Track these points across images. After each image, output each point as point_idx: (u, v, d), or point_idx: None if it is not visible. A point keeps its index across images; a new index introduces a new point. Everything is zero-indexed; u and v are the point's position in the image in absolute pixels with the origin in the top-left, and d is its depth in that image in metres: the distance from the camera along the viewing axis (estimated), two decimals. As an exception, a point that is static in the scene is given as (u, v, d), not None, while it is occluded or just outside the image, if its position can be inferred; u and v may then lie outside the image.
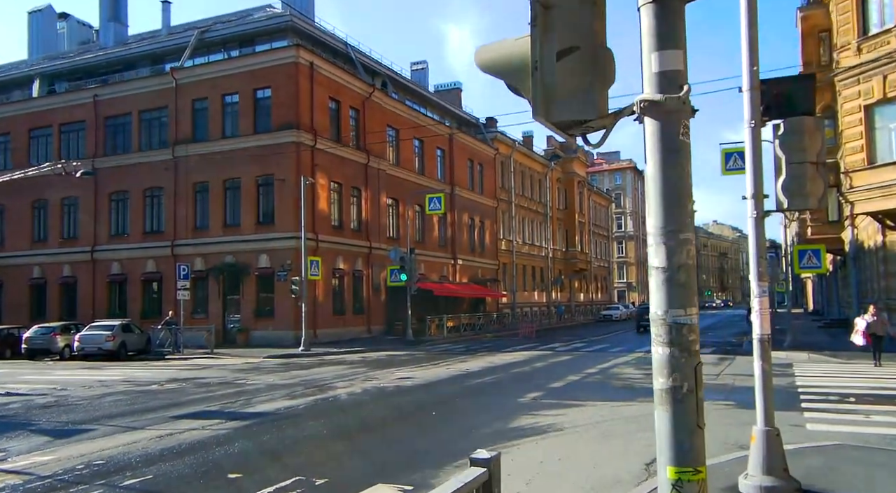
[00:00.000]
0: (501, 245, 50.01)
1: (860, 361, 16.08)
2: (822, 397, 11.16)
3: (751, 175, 5.51)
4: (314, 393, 13.24)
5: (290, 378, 16.25)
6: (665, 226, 2.70)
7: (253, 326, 29.14)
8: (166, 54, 34.19)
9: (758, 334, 5.51)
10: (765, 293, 5.43)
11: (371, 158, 33.62)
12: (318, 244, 29.50)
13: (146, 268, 31.69)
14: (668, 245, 2.70)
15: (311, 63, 29.66)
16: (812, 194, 5.32)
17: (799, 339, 23.61)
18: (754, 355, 5.68)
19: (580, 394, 12.20)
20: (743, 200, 5.57)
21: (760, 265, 5.42)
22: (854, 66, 20.62)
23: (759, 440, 5.51)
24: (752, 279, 5.47)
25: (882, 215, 20.77)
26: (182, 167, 31.07)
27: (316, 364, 20.26)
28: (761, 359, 5.48)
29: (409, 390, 13.52)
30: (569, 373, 15.73)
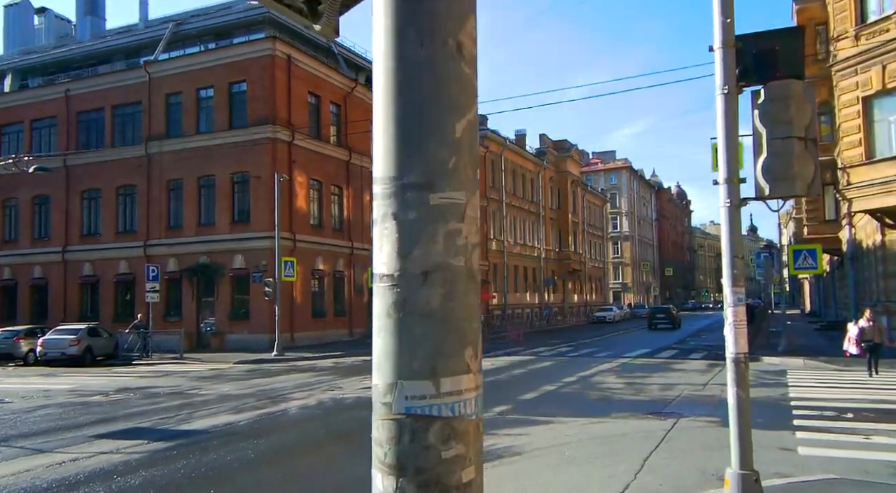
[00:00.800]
0: (492, 245, 48.88)
1: (858, 368, 14.99)
2: (817, 412, 10.08)
3: (723, 155, 4.43)
4: (265, 406, 12.14)
5: (248, 388, 15.15)
6: (399, 176, 1.32)
7: (228, 329, 28.01)
8: (142, 48, 33.09)
9: (731, 352, 4.42)
10: (741, 301, 4.35)
11: (353, 154, 32.51)
12: (296, 244, 28.37)
13: (119, 269, 30.53)
14: (404, 218, 1.31)
15: (288, 56, 28.54)
16: (799, 177, 4.24)
17: (794, 343, 22.57)
18: (728, 379, 4.59)
19: (551, 408, 11.11)
20: (714, 185, 4.48)
21: (735, 266, 4.33)
22: (852, 56, 19.56)
23: (734, 486, 4.42)
24: (725, 284, 4.39)
25: (881, 213, 19.71)
26: (155, 164, 29.93)
27: (284, 371, 19.15)
28: (736, 385, 4.40)
29: (367, 403, 12.37)
30: (545, 382, 14.63)
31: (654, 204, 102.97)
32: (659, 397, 12.20)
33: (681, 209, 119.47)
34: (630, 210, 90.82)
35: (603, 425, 9.49)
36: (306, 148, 29.53)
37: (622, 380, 14.84)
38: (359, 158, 32.93)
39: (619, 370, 17.02)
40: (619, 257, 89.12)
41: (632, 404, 11.50)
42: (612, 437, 8.56)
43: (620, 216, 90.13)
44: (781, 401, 11.32)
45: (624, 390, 13.31)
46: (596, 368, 17.81)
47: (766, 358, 18.91)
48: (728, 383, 4.60)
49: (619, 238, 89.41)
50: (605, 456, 7.53)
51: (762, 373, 15.85)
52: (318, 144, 30.47)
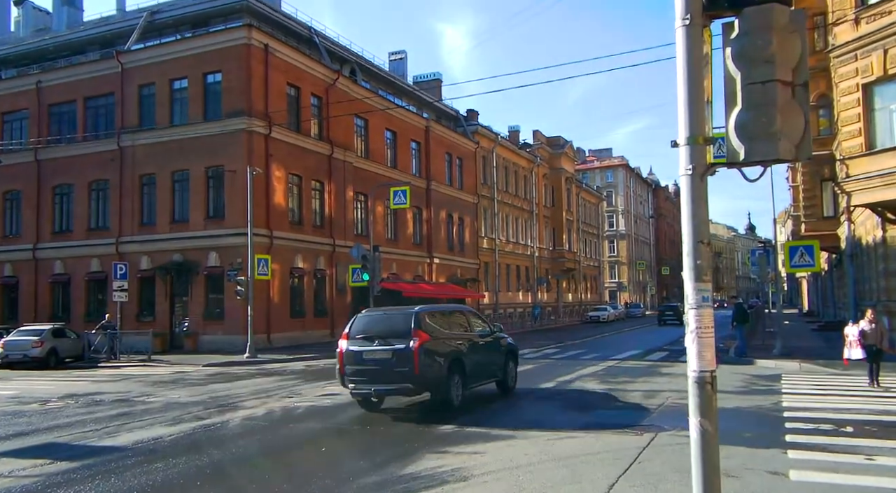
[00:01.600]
0: (483, 243, 47.82)
1: (857, 372, 13.89)
2: (813, 425, 8.98)
3: (684, 107, 3.34)
4: (209, 416, 11.06)
5: (201, 394, 14.05)
6: None
7: (202, 330, 26.91)
8: (117, 38, 31.94)
9: (694, 370, 3.34)
10: (705, 302, 3.26)
11: (335, 149, 31.39)
12: (273, 241, 27.28)
13: (90, 267, 29.42)
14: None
15: (265, 45, 27.41)
16: (784, 135, 3.15)
17: (790, 344, 21.48)
18: (690, 406, 3.50)
19: (517, 419, 10.01)
20: (673, 147, 3.39)
21: (699, 255, 3.23)
22: (851, 40, 18.45)
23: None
24: (686, 279, 3.30)
25: (882, 207, 18.62)
26: (128, 158, 28.82)
27: (249, 375, 18.05)
28: (700, 414, 3.33)
29: (319, 412, 11.32)
30: (520, 388, 13.52)
31: (651, 202, 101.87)
32: (640, 405, 11.11)
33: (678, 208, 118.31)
34: (626, 208, 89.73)
35: (571, 441, 8.39)
36: (285, 141, 28.41)
37: (604, 386, 13.74)
38: (341, 152, 31.82)
39: (602, 375, 15.92)
40: (616, 255, 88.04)
41: (609, 414, 10.41)
42: (577, 457, 7.46)
43: (616, 214, 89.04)
44: (773, 411, 10.23)
45: (603, 398, 12.21)
46: (579, 372, 16.72)
47: (759, 361, 17.82)
48: (690, 411, 3.51)
49: (616, 237, 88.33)
50: (565, 484, 6.43)
51: (754, 378, 14.77)
52: (298, 137, 29.35)
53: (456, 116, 48.22)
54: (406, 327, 10.53)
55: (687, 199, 3.30)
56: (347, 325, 11.32)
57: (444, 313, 12.30)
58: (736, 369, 16.80)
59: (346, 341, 10.95)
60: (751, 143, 3.18)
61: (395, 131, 37.39)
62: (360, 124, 34.49)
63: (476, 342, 12.01)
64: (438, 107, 46.35)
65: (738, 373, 15.77)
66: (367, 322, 11.12)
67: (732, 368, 17.07)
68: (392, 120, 37.03)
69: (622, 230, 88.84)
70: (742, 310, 20.82)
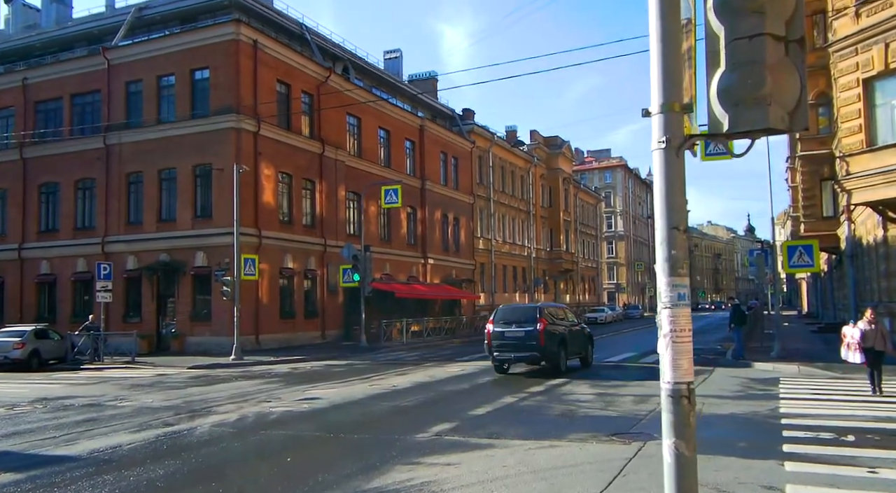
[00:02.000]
0: (479, 244, 47.29)
1: (858, 375, 13.36)
2: (812, 434, 8.45)
3: (657, 68, 2.81)
4: (178, 422, 10.53)
5: (177, 398, 13.51)
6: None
7: (189, 331, 26.37)
8: (105, 34, 31.37)
9: (667, 382, 2.81)
10: (682, 300, 2.73)
11: (327, 147, 30.86)
12: (262, 241, 26.75)
13: (77, 267, 28.86)
14: None
15: (254, 41, 26.89)
16: (776, 99, 2.62)
17: (789, 346, 20.97)
18: (663, 424, 2.97)
19: (500, 427, 9.48)
20: (645, 117, 2.86)
21: (674, 243, 2.71)
22: (852, 34, 17.94)
23: None
24: (659, 272, 2.77)
25: (883, 206, 18.11)
26: (114, 156, 28.29)
27: (231, 378, 17.51)
28: (675, 434, 2.80)
29: (295, 418, 10.78)
30: (508, 393, 13.00)
31: (650, 203, 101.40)
32: (630, 412, 10.57)
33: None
34: (625, 209, 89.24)
35: (554, 450, 7.86)
36: (274, 139, 27.89)
37: (595, 390, 13.20)
38: (333, 150, 31.30)
39: (594, 378, 15.38)
40: (614, 256, 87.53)
41: (597, 421, 9.87)
42: (558, 469, 6.93)
43: (615, 215, 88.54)
44: (770, 418, 9.69)
45: (592, 402, 11.68)
46: (571, 375, 16.17)
47: (757, 364, 17.30)
48: (663, 430, 2.97)
49: (614, 238, 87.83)
50: (541, 499, 5.90)
51: (752, 382, 14.23)
52: (288, 135, 28.83)
53: (452, 116, 47.70)
54: (533, 315, 15.71)
55: (660, 177, 2.77)
56: (492, 314, 16.73)
57: (553, 308, 17.74)
58: (732, 372, 16.28)
59: (491, 324, 16.03)
60: (736, 109, 2.66)
61: (388, 130, 36.87)
62: (353, 123, 33.97)
63: (572, 329, 17.03)
64: (434, 106, 45.83)
65: (735, 376, 15.25)
66: (506, 312, 16.59)
67: (729, 371, 16.55)
68: (386, 118, 36.51)
69: (620, 231, 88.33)
70: (739, 312, 20.28)
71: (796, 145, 34.04)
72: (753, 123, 2.63)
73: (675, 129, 2.76)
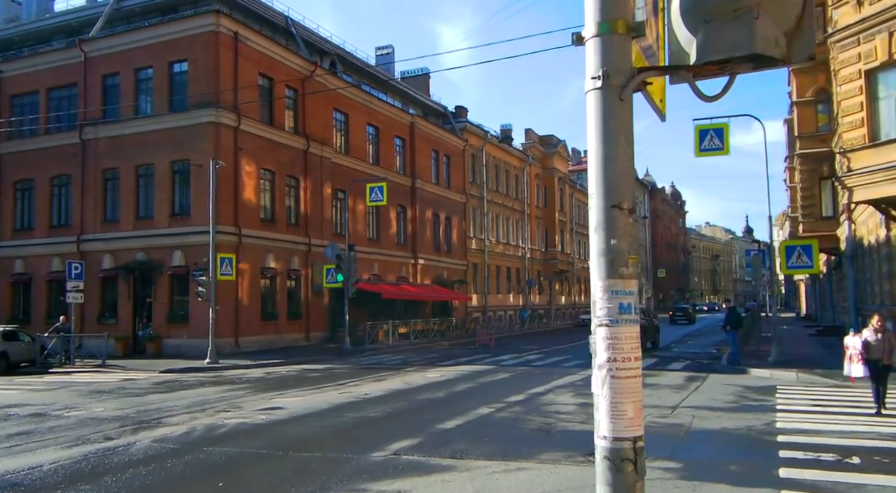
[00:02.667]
0: (471, 244, 46.35)
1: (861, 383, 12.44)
2: (812, 454, 7.55)
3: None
4: (120, 435, 9.63)
5: (131, 407, 12.59)
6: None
7: (166, 333, 25.42)
8: (84, 27, 30.41)
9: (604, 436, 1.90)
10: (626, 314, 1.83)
11: (312, 143, 29.92)
12: (242, 240, 25.82)
13: (52, 267, 27.88)
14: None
15: (234, 33, 25.96)
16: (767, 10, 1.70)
17: (787, 350, 20.08)
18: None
19: (467, 444, 8.56)
20: (577, 45, 1.95)
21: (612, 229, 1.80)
22: (854, 23, 17.05)
23: None
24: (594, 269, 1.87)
25: (885, 204, 17.23)
26: (90, 152, 27.34)
27: (199, 384, 16.59)
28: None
29: (246, 432, 9.86)
30: (484, 403, 12.08)
31: (648, 204, 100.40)
32: (613, 426, 9.66)
33: (675, 210, 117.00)
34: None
35: (521, 474, 6.95)
36: (256, 134, 26.96)
37: (578, 400, 12.30)
38: (318, 147, 30.37)
39: (580, 386, 14.47)
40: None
41: (575, 437, 8.97)
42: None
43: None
44: (766, 435, 8.79)
45: (574, 415, 10.77)
46: (556, 382, 15.28)
47: (753, 370, 16.41)
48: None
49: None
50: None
51: (747, 390, 13.35)
52: (271, 130, 27.90)
53: (444, 113, 46.77)
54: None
55: (596, 132, 1.88)
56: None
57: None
58: (727, 379, 15.40)
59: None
60: (708, 29, 1.77)
61: (377, 127, 35.95)
62: (340, 119, 33.04)
63: (650, 323, 25.68)
64: (426, 103, 44.93)
65: (729, 384, 14.37)
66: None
67: (723, 377, 15.69)
68: (374, 115, 35.60)
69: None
70: (736, 314, 19.42)
71: (795, 143, 33.19)
72: (732, 47, 1.73)
73: (619, 59, 1.87)
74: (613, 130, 1.85)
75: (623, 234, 1.82)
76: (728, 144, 17.91)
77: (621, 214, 1.82)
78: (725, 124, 17.77)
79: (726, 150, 17.87)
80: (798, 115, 30.78)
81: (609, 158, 1.84)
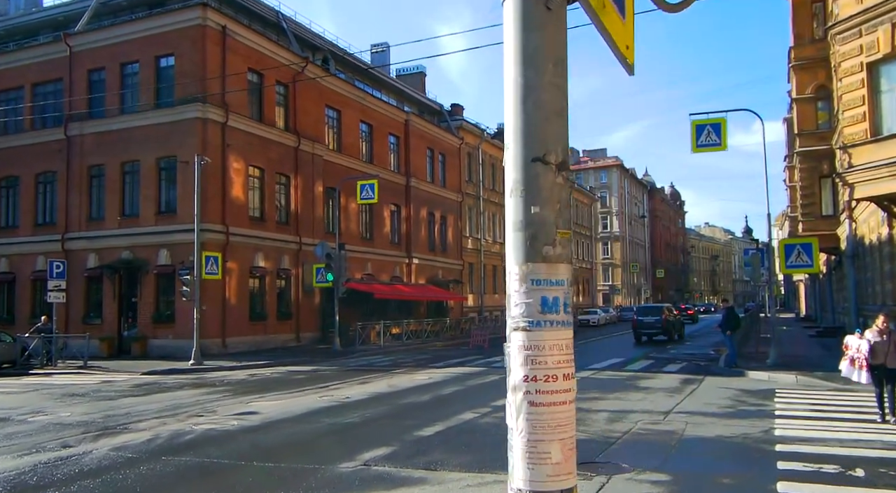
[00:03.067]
0: (467, 243, 45.81)
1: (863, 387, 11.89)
2: (813, 466, 7.00)
3: None
4: (78, 443, 9.09)
5: (99, 411, 12.04)
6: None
7: (152, 333, 24.88)
8: (70, 21, 29.81)
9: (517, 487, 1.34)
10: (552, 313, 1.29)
11: (303, 140, 29.37)
12: (230, 238, 25.27)
13: (36, 266, 27.29)
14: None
15: (222, 27, 25.42)
16: None
17: (786, 352, 19.53)
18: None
19: (444, 453, 8.01)
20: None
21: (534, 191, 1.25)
22: (855, 14, 16.51)
23: None
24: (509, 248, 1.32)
25: (888, 201, 16.70)
26: (76, 148, 26.78)
27: (178, 386, 16.04)
28: None
29: (212, 440, 9.32)
30: (468, 408, 11.53)
31: (647, 204, 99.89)
32: (601, 433, 9.12)
33: (674, 210, 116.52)
34: (621, 210, 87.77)
35: (497, 487, 6.41)
36: (245, 131, 26.41)
37: (567, 404, 11.74)
38: (310, 144, 29.82)
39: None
40: (609, 257, 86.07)
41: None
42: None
43: (611, 216, 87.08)
44: (763, 444, 8.24)
45: (561, 420, 10.22)
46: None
47: (751, 373, 15.87)
48: None
49: (609, 238, 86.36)
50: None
51: (744, 394, 12.80)
52: (261, 127, 27.34)
53: (440, 111, 46.24)
54: (659, 310, 30.52)
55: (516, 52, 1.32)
56: (633, 310, 36.14)
57: (666, 307, 31.65)
58: (724, 382, 14.86)
59: (636, 315, 30.60)
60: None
61: (371, 124, 35.40)
62: (332, 116, 32.49)
63: (676, 318, 32.25)
64: (421, 100, 44.39)
65: (726, 387, 13.82)
66: (643, 310, 32.38)
67: (720, 380, 15.14)
68: (368, 112, 35.05)
69: (616, 232, 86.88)
70: (733, 315, 18.85)
71: (795, 141, 32.67)
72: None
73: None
74: (538, 50, 1.31)
75: (549, 199, 1.28)
76: (726, 139, 17.37)
77: (547, 171, 1.28)
78: (723, 119, 17.23)
79: (724, 145, 17.34)
80: (798, 112, 30.26)
81: (531, 89, 1.30)
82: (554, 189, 1.34)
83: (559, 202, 1.34)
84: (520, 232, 1.35)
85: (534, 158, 1.32)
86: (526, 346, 1.34)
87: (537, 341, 1.33)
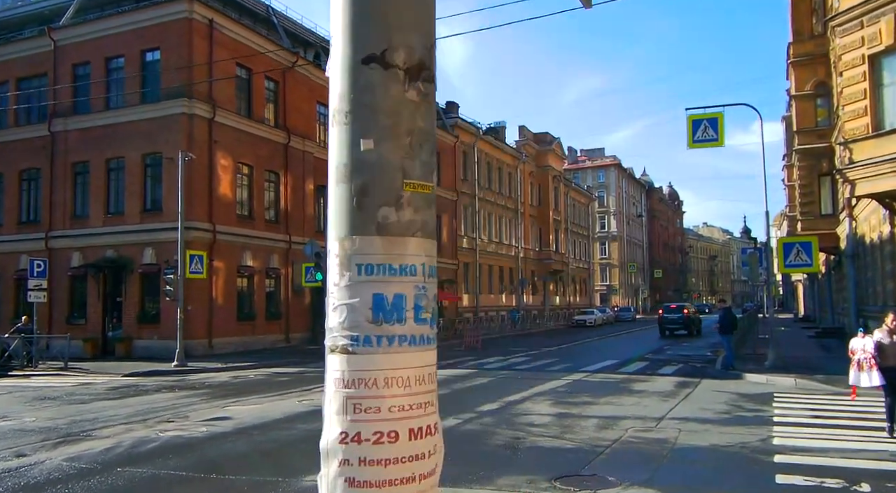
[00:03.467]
0: (463, 243, 45.28)
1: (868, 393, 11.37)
2: (815, 479, 6.47)
3: None
4: (33, 452, 8.56)
5: (66, 416, 11.48)
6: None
7: (136, 334, 24.31)
8: (56, 15, 29.19)
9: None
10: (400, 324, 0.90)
11: (293, 137, 28.83)
12: (217, 236, 24.72)
13: (19, 265, 26.62)
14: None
15: (210, 20, 24.86)
16: None
17: (785, 353, 19.01)
18: None
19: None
20: None
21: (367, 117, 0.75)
22: (857, 5, 16.00)
23: None
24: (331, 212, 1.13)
25: (889, 198, 16.19)
26: (60, 145, 26.21)
27: (155, 389, 15.48)
28: None
29: (175, 448, 8.78)
30: (452, 412, 10.95)
31: (645, 204, 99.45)
32: (588, 441, 8.58)
33: (672, 210, 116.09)
34: (618, 209, 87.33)
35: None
36: (233, 127, 25.85)
37: (556, 409, 11.22)
38: (300, 141, 29.28)
39: (562, 393, 13.40)
40: (607, 257, 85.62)
41: (544, 455, 7.90)
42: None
43: (608, 215, 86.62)
44: (761, 454, 7.71)
45: (547, 427, 9.69)
46: (537, 388, 14.20)
47: (749, 375, 15.36)
48: None
49: (607, 238, 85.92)
50: None
51: (741, 398, 12.28)
52: (249, 123, 26.79)
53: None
54: (681, 308, 37.31)
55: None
56: (660, 309, 38.41)
57: (688, 306, 38.76)
58: (720, 384, 14.35)
59: (661, 312, 37.12)
60: None
61: (363, 121, 34.79)
62: (324, 112, 31.92)
63: (696, 316, 37.98)
64: (415, 98, 43.75)
65: (723, 391, 13.30)
66: (668, 308, 37.50)
67: (716, 383, 14.62)
68: (360, 109, 34.44)
69: (614, 232, 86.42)
70: (730, 316, 18.33)
71: (794, 139, 32.18)
72: None
73: None
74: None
75: (392, 127, 0.64)
76: (723, 134, 16.90)
77: (388, 80, 0.63)
78: (720, 114, 16.76)
79: (721, 141, 16.86)
80: (797, 109, 29.77)
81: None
82: (402, 109, 0.80)
83: (412, 133, 0.80)
84: (344, 184, 0.82)
85: (366, 57, 0.76)
86: (346, 380, 0.78)
87: (364, 373, 0.77)
